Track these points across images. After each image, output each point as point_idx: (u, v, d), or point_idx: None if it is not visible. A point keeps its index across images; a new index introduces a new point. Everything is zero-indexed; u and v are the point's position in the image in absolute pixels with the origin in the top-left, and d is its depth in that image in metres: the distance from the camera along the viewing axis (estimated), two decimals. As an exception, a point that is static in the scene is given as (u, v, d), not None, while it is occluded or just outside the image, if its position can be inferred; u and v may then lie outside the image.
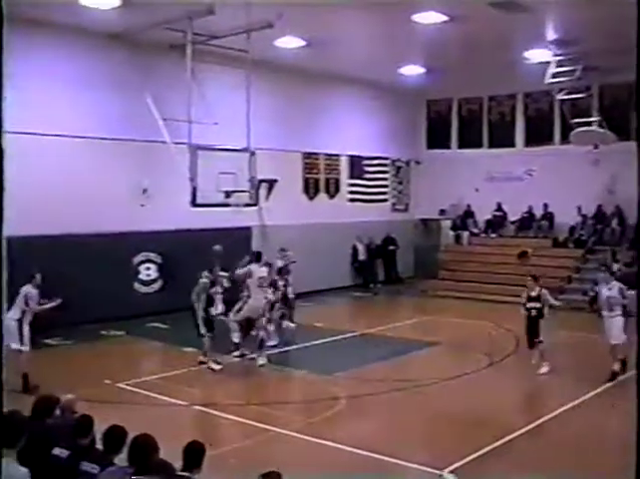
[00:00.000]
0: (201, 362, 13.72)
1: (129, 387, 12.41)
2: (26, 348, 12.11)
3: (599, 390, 12.21)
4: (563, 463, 9.12)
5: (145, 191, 18.98)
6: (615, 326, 12.80)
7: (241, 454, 9.30)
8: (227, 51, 17.59)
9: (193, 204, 15.98)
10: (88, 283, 16.67)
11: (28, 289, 12.31)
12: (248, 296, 14.05)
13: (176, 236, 19.15)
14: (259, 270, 14.06)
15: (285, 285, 16.41)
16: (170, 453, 5.60)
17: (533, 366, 13.38)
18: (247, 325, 14.32)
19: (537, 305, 13.44)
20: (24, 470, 4.68)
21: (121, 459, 5.48)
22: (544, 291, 13.73)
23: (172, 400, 11.75)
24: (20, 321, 12.10)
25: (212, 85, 17.93)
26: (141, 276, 19.26)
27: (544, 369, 13.26)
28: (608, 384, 12.46)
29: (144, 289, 19.27)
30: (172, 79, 17.27)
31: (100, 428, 5.95)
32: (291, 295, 16.70)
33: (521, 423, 10.41)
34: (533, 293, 13.55)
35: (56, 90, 17.25)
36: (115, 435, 5.61)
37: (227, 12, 15.27)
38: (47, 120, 16.86)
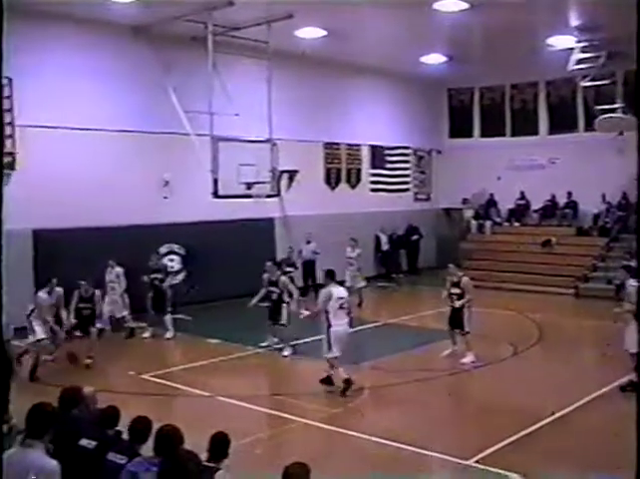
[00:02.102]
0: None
1: (152, 379, 12.48)
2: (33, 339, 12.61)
3: (625, 379, 12.10)
4: (589, 452, 9.05)
5: (167, 183, 19.04)
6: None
7: (266, 445, 9.32)
8: (248, 42, 17.61)
9: (215, 195, 16.03)
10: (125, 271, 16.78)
11: (39, 295, 13.04)
12: (329, 326, 11.50)
13: (199, 227, 19.20)
14: (338, 291, 11.78)
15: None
16: (195, 444, 5.62)
17: (558, 355, 13.31)
18: None
19: (458, 291, 13.67)
20: (54, 462, 4.71)
21: (146, 450, 5.51)
22: (466, 279, 13.98)
23: (197, 391, 11.80)
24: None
25: (233, 76, 17.92)
26: (167, 267, 19.29)
27: (469, 359, 13.29)
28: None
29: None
30: (194, 71, 17.31)
31: (124, 419, 5.99)
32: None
33: (547, 412, 10.34)
34: (455, 279, 13.88)
35: (78, 83, 17.31)
36: (140, 426, 5.64)
37: (247, 3, 15.26)
38: (70, 114, 16.94)
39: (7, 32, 4.35)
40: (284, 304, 14.53)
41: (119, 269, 15.99)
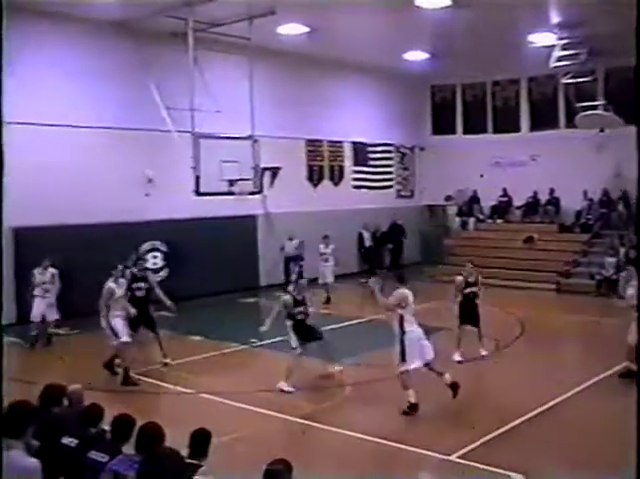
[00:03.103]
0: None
1: (136, 376, 12.40)
2: None
3: (609, 373, 12.18)
4: (572, 446, 9.10)
5: (149, 180, 18.96)
6: None
7: (249, 441, 9.29)
8: (230, 38, 17.56)
9: (198, 192, 15.98)
10: (94, 274, 16.62)
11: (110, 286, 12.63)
12: (403, 332, 10.54)
13: (182, 224, 19.15)
14: (410, 294, 10.66)
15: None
16: (178, 441, 5.59)
17: (540, 350, 13.37)
18: None
19: (474, 290, 13.65)
20: (35, 461, 4.66)
21: (129, 448, 5.48)
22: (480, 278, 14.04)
23: (180, 388, 11.77)
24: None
25: (215, 73, 17.85)
26: (147, 265, 19.23)
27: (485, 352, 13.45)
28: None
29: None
30: (175, 67, 17.24)
31: (107, 417, 5.95)
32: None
33: (530, 407, 10.37)
34: (471, 279, 13.73)
35: (58, 80, 17.21)
36: (122, 424, 5.61)
37: (229, -1, 15.23)
38: (50, 110, 16.84)
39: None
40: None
41: (53, 271, 14.86)
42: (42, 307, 14.74)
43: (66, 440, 5.77)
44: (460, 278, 13.85)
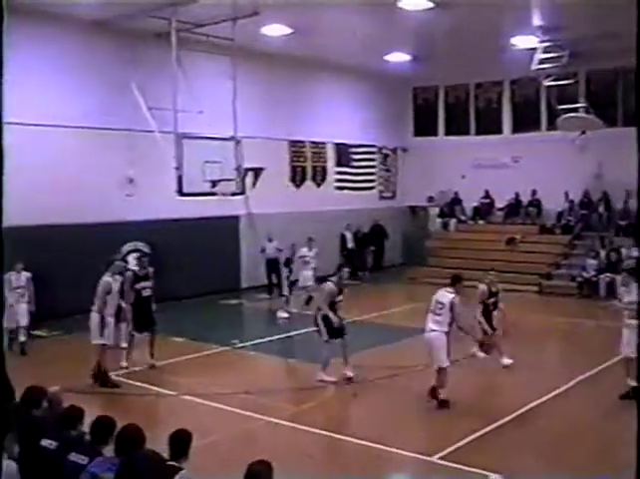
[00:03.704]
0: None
1: (117, 378, 12.35)
2: None
3: (588, 375, 12.27)
4: (552, 448, 9.15)
5: (131, 180, 18.89)
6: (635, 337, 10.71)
7: (231, 443, 9.28)
8: (213, 39, 17.51)
9: (180, 193, 15.92)
10: (76, 274, 16.57)
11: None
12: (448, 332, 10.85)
13: (164, 225, 19.08)
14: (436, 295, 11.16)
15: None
16: (160, 443, 5.57)
17: (521, 352, 13.43)
18: None
19: (493, 300, 13.02)
20: (12, 464, 4.62)
21: (110, 450, 5.45)
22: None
23: (162, 390, 11.73)
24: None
25: (198, 73, 17.80)
26: (129, 266, 19.14)
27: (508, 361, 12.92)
28: (605, 365, 12.50)
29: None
30: (158, 67, 17.17)
31: (88, 419, 5.92)
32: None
33: (512, 409, 10.43)
34: (494, 289, 13.02)
35: (39, 79, 17.08)
36: (103, 426, 5.57)
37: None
38: (31, 110, 16.68)
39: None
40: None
41: (27, 274, 14.30)
42: (18, 313, 13.98)
43: (45, 442, 5.73)
44: (484, 287, 12.90)
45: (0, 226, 4.33)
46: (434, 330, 10.78)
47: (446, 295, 10.77)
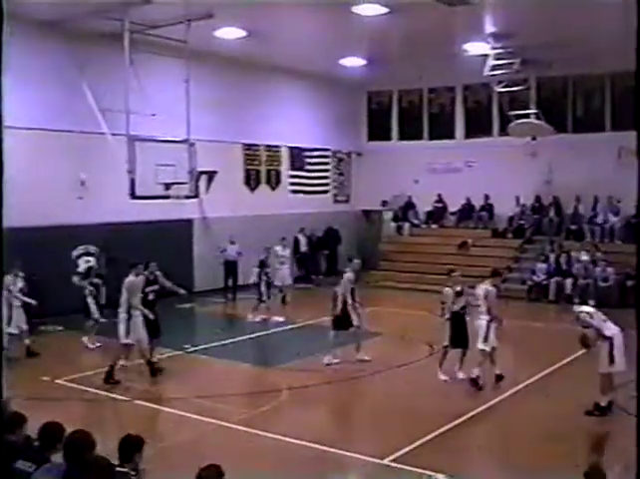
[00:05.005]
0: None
1: (68, 383, 12.18)
2: None
3: (538, 377, 12.46)
4: (507, 448, 9.27)
5: (82, 183, 18.64)
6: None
7: (183, 448, 9.21)
8: (166, 41, 17.37)
9: (132, 196, 15.78)
10: (24, 278, 16.29)
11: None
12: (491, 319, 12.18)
13: (116, 228, 18.84)
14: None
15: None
16: (111, 449, 5.50)
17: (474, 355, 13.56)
18: None
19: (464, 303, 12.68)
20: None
21: (60, 456, 5.37)
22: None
23: (114, 395, 11.59)
24: None
25: (151, 75, 17.67)
26: (80, 270, 18.89)
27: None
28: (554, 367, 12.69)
29: (82, 283, 18.91)
30: (111, 69, 17.00)
31: (38, 426, 5.81)
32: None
33: (465, 410, 10.53)
34: (458, 288, 12.61)
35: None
36: (51, 432, 5.46)
37: (166, 1, 15.07)
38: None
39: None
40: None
41: (22, 274, 14.47)
42: (20, 317, 14.09)
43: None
44: (448, 290, 12.50)
45: (0, 226, 4.25)
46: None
47: (481, 287, 12.28)
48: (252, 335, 16.25)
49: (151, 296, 13.36)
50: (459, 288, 12.57)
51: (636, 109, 3.75)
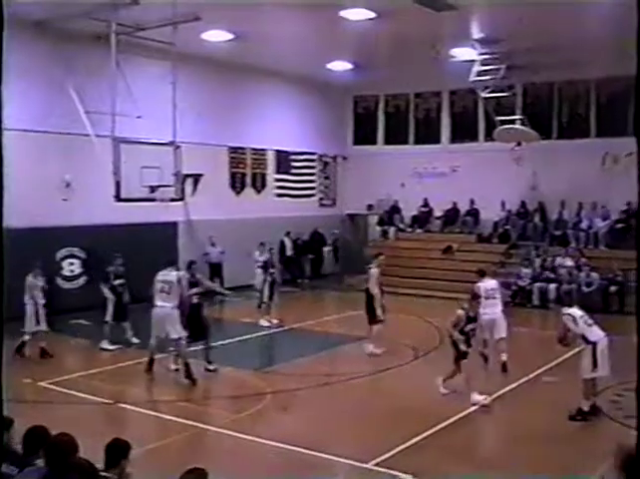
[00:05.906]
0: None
1: (51, 386, 12.12)
2: None
3: (523, 381, 12.49)
4: (490, 452, 9.29)
5: (67, 184, 18.56)
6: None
7: (167, 451, 9.18)
8: (153, 43, 17.32)
9: (118, 198, 15.71)
10: (7, 279, 16.16)
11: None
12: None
13: (101, 230, 18.79)
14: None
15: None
16: (95, 453, 5.47)
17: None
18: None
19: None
20: None
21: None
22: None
23: (97, 398, 11.52)
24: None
25: (138, 77, 17.61)
26: (64, 272, 18.84)
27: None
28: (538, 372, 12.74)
29: (67, 285, 18.86)
30: (97, 70, 16.93)
31: (21, 429, 5.77)
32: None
33: (448, 414, 10.55)
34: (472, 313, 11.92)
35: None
36: (35, 436, 5.42)
37: (153, 3, 15.04)
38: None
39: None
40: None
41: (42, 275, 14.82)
42: (42, 317, 14.37)
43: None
44: (461, 312, 11.85)
45: (1, 226, 4.23)
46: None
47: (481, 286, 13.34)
48: (238, 339, 16.21)
49: (195, 300, 13.30)
50: (472, 314, 11.83)
51: (636, 110, 3.77)
